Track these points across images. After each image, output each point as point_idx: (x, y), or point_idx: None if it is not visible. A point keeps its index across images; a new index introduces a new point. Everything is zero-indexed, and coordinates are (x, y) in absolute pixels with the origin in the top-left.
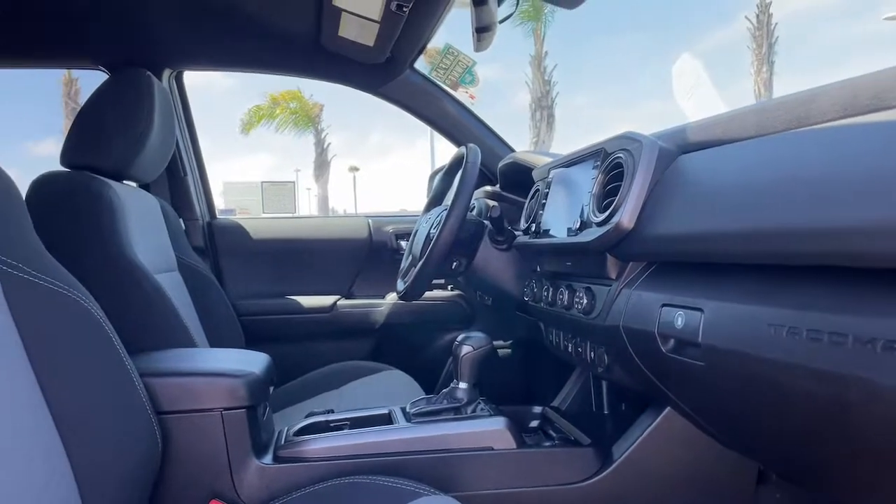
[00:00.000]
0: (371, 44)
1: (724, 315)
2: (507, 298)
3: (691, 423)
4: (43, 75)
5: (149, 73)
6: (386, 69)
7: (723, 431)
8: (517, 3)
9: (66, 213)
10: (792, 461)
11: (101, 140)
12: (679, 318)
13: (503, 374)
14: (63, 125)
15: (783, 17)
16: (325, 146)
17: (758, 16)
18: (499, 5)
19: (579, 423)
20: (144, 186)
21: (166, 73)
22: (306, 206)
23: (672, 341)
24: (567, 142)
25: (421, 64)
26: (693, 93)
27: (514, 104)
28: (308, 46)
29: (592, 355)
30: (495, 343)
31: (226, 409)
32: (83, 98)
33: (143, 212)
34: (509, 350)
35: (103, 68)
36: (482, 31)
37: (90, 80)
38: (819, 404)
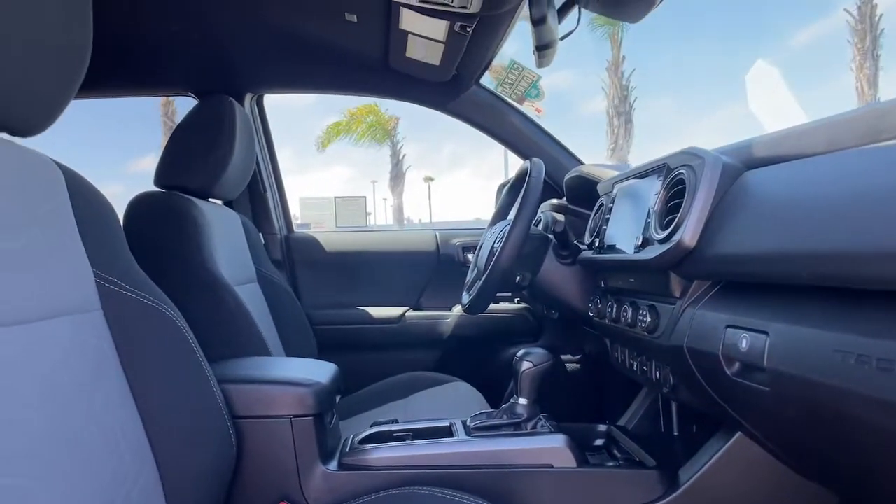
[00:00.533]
0: (437, 63)
1: (789, 339)
2: (573, 313)
3: (764, 449)
4: (144, 98)
5: (231, 99)
6: (452, 86)
7: (795, 459)
8: (578, 20)
9: (158, 229)
10: (872, 496)
11: (188, 162)
12: (744, 341)
13: (571, 389)
14: (161, 142)
15: (890, 7)
16: (401, 158)
17: (859, 7)
18: (559, 22)
19: (645, 444)
20: (228, 203)
21: (248, 96)
22: (382, 215)
23: (737, 364)
24: (646, 149)
25: (487, 80)
26: (769, 100)
27: (589, 110)
28: (378, 67)
29: (658, 375)
30: (564, 357)
31: (295, 416)
32: (179, 117)
33: (225, 227)
34: (578, 365)
35: (193, 94)
36: (543, 48)
37: (185, 100)
38: (892, 438)
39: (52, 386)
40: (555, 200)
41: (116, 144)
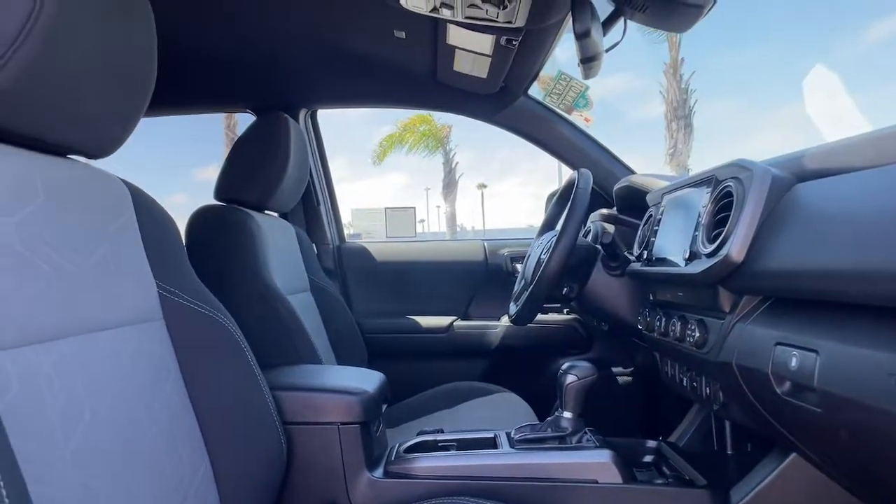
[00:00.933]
0: (484, 76)
1: (840, 359)
2: (622, 325)
3: (820, 471)
4: None
5: (286, 116)
6: (500, 98)
7: (854, 483)
8: (623, 32)
9: (216, 241)
10: None
11: (246, 177)
12: (793, 359)
13: (623, 403)
14: (222, 153)
15: None
16: (454, 166)
17: None
18: (604, 34)
19: (697, 462)
20: (283, 215)
21: (302, 112)
22: (436, 223)
23: (788, 383)
24: (707, 153)
25: (535, 90)
26: (827, 107)
27: (647, 113)
28: (426, 81)
29: (708, 391)
30: (615, 370)
31: (342, 423)
32: (240, 129)
33: (280, 239)
34: (630, 378)
35: (250, 111)
36: (588, 61)
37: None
38: None
39: (119, 390)
40: (605, 210)
41: (181, 154)
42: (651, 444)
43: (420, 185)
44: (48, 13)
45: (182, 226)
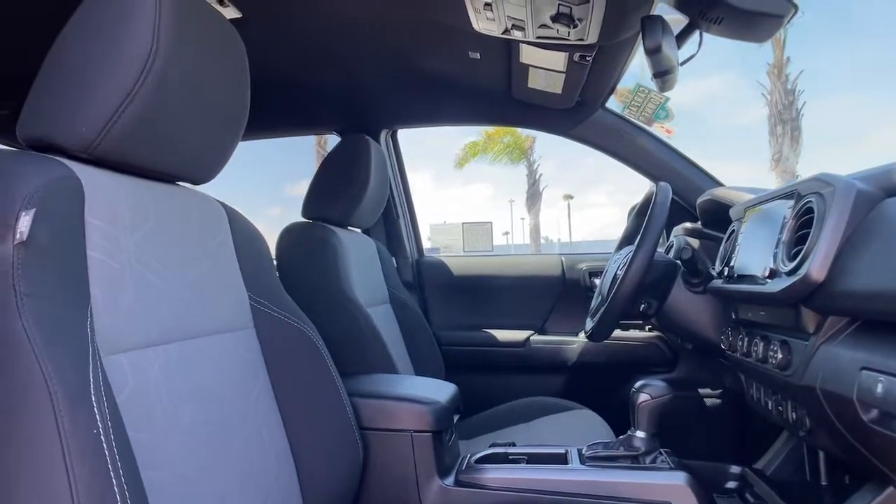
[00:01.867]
0: (559, 91)
1: None
2: (705, 344)
3: None
4: None
5: (368, 138)
6: (576, 112)
7: None
8: (699, 45)
9: (302, 256)
10: None
11: (330, 196)
12: (879, 385)
13: (709, 426)
14: (314, 167)
15: None
16: (537, 177)
17: None
18: (679, 48)
19: (785, 492)
20: (365, 231)
21: (383, 133)
22: (520, 235)
23: (875, 411)
24: (821, 158)
25: (613, 103)
26: None
27: (748, 117)
28: (502, 99)
29: (794, 416)
30: (702, 391)
31: (415, 431)
32: (330, 145)
33: (361, 253)
34: (719, 400)
35: (335, 133)
36: (661, 75)
37: None
38: None
39: (215, 391)
40: (688, 224)
41: (277, 170)
42: (735, 469)
43: (504, 197)
44: (160, 62)
45: (277, 235)
